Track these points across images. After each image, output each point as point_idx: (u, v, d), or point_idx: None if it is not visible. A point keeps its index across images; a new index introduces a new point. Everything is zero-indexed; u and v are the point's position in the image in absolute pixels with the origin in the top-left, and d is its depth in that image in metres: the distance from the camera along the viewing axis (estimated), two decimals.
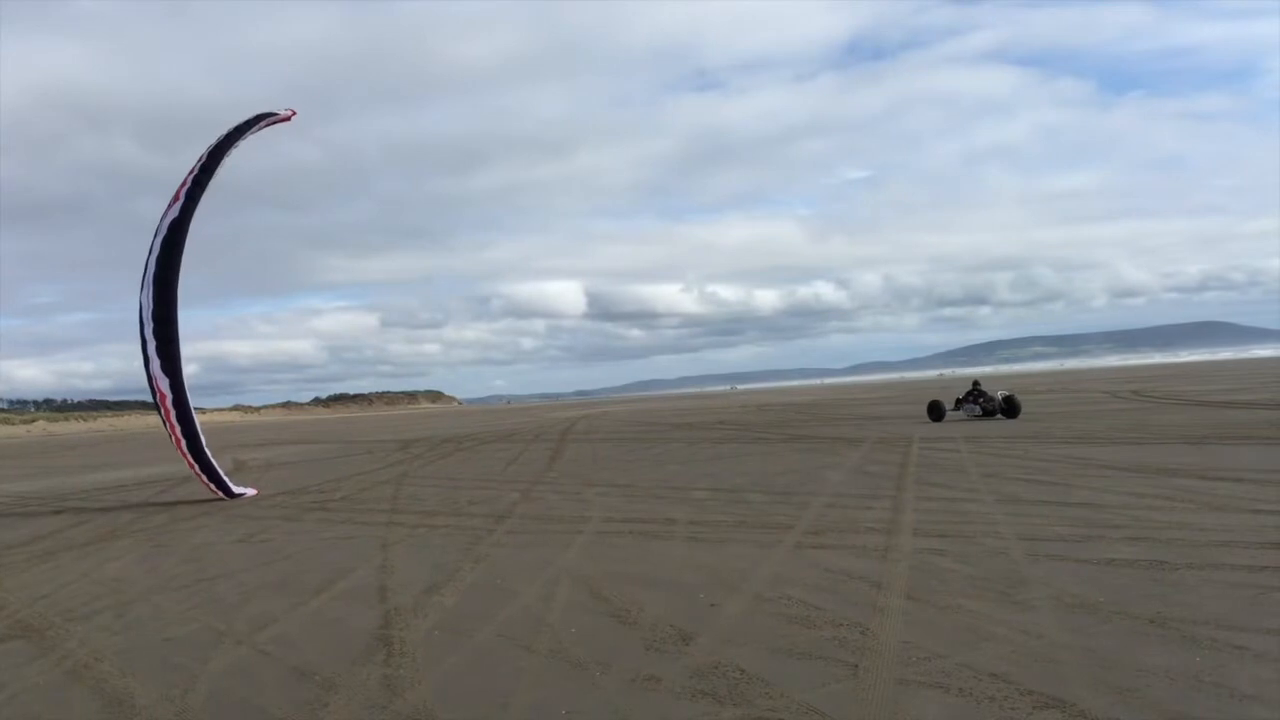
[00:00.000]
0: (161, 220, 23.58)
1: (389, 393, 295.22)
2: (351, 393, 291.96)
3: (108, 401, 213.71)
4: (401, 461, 33.77)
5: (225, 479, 24.65)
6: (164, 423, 24.09)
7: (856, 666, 7.40)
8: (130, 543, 17.58)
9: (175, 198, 23.67)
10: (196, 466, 24.18)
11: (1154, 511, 13.41)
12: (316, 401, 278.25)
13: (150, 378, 23.47)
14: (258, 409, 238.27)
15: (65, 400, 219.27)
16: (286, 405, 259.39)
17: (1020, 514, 13.81)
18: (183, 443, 23.81)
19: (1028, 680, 6.81)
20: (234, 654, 9.13)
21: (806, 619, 8.89)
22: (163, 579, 13.42)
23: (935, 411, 39.17)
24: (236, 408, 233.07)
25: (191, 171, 23.92)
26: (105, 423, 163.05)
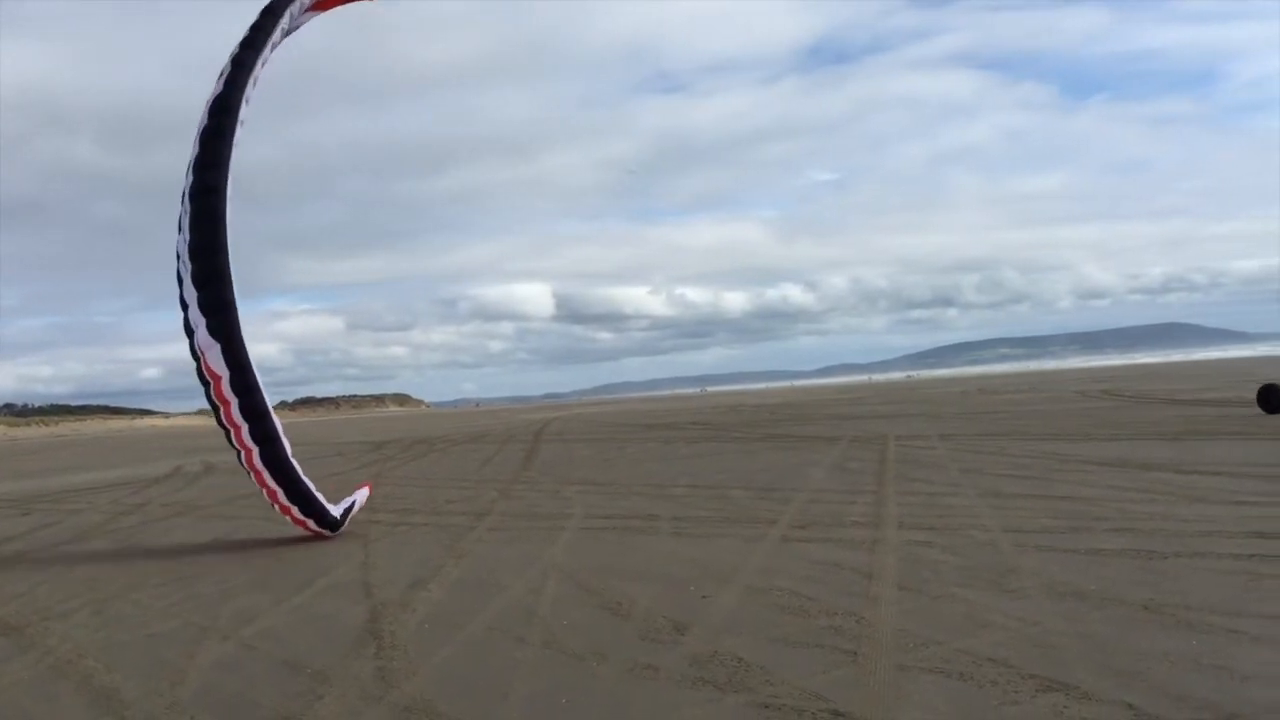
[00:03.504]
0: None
1: (356, 396, 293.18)
2: (319, 396, 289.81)
3: (69, 406, 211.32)
4: (375, 462, 33.52)
5: (325, 505, 15.75)
6: (223, 427, 15.22)
7: (855, 653, 7.37)
8: (103, 543, 17.33)
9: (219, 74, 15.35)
10: (282, 494, 15.34)
11: (1136, 504, 13.49)
12: (283, 405, 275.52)
13: (197, 354, 14.79)
14: None
15: (26, 405, 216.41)
16: None
17: (1004, 507, 13.85)
18: (254, 454, 15.07)
19: (1028, 665, 6.80)
20: (220, 649, 8.98)
21: (800, 609, 8.85)
22: (139, 577, 13.20)
23: (1269, 400, 28.29)
24: (202, 411, 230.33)
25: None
26: (68, 427, 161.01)
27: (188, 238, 14.66)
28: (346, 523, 16.18)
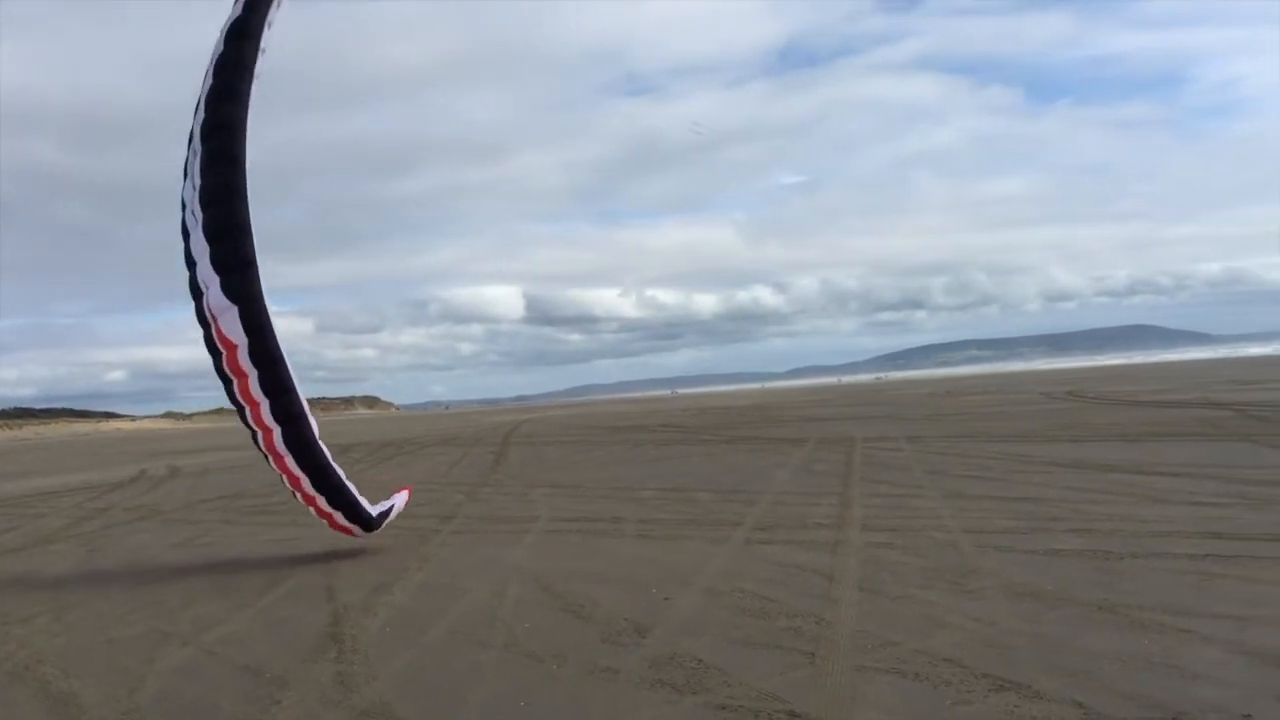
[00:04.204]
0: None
1: (325, 399, 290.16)
2: None
3: (33, 409, 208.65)
4: (343, 465, 33.27)
5: (359, 498, 13.79)
6: (237, 405, 12.99)
7: (813, 655, 7.43)
8: (65, 547, 17.17)
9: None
10: (307, 482, 13.25)
11: (1095, 505, 13.65)
12: None
13: (207, 320, 12.56)
14: (189, 416, 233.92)
15: None
16: (220, 412, 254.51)
17: (966, 508, 13.98)
18: (276, 435, 12.82)
19: (982, 664, 6.89)
20: (180, 654, 8.95)
21: (761, 610, 8.91)
22: (101, 582, 13.11)
23: None
24: (168, 415, 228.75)
25: None
26: (31, 431, 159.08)
27: (197, 182, 12.25)
28: (383, 526, 14.30)
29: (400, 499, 15.22)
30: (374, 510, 13.97)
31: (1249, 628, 7.33)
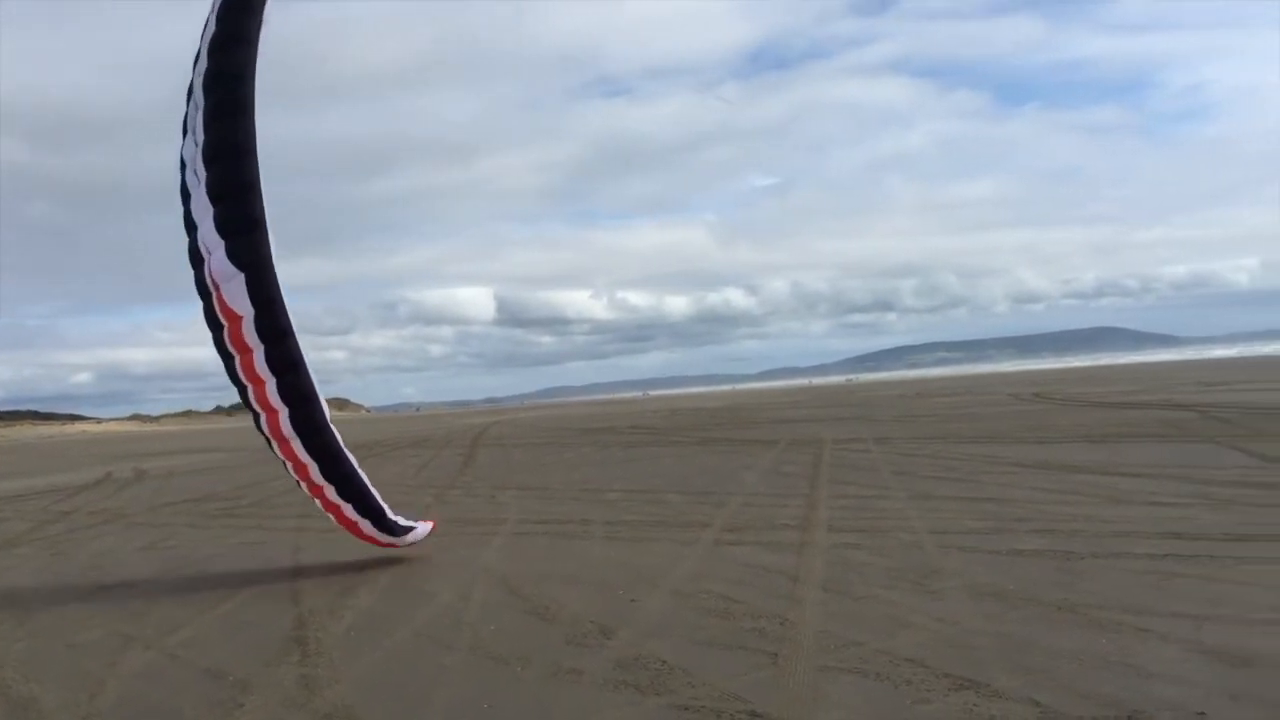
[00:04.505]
0: None
1: None
2: None
3: None
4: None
5: (390, 513, 12.76)
6: (239, 385, 11.84)
7: (776, 655, 7.48)
8: (28, 551, 16.99)
9: None
10: (315, 470, 11.97)
11: (1059, 505, 13.78)
12: (219, 410, 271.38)
13: (208, 289, 11.35)
14: (157, 418, 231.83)
15: None
16: (187, 414, 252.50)
17: (931, 509, 14.08)
18: (282, 418, 11.64)
19: (943, 664, 6.95)
20: (143, 658, 8.89)
21: (726, 611, 8.95)
22: (64, 586, 13.00)
23: None
24: (135, 417, 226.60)
25: None
26: None
27: (200, 138, 11.01)
28: (404, 542, 12.95)
29: (424, 528, 13.37)
30: (394, 515, 12.79)
31: (1206, 627, 7.44)
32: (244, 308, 11.04)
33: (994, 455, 21.31)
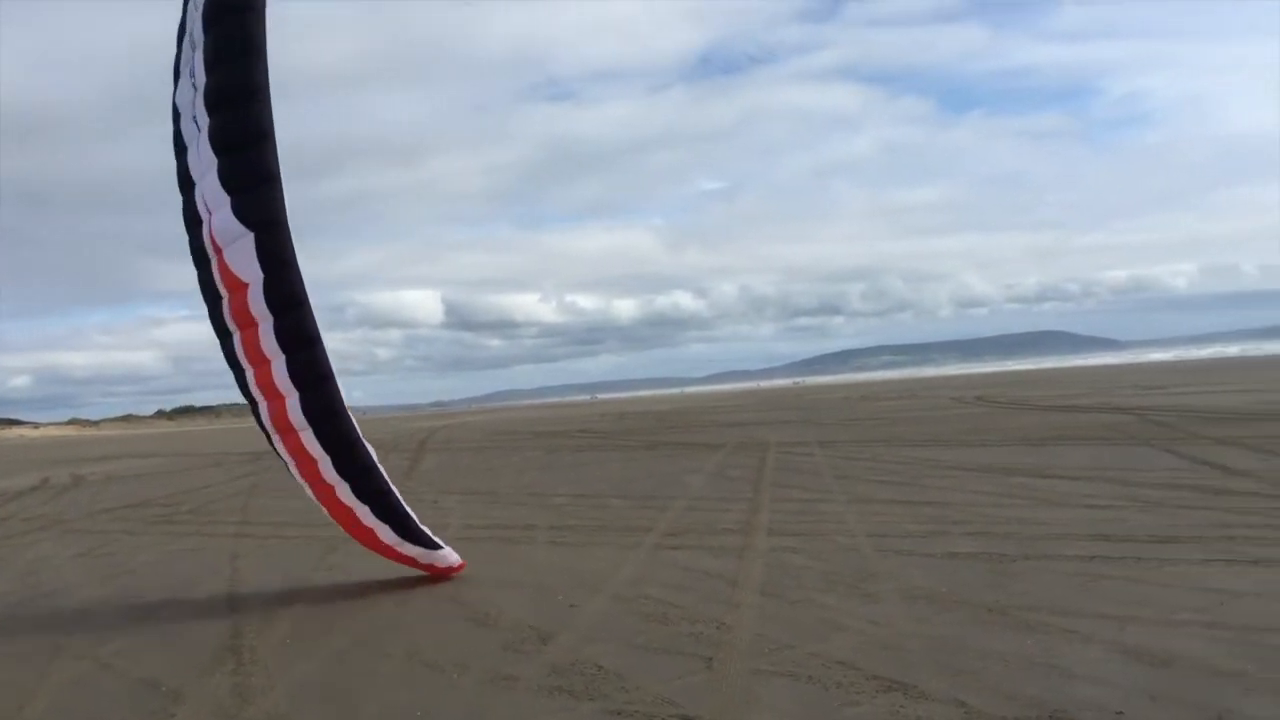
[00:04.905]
0: None
1: (238, 405, 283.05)
2: (199, 405, 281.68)
3: None
4: (253, 473, 32.75)
5: (431, 534, 11.35)
6: (237, 369, 10.59)
7: (711, 659, 7.54)
8: None
9: None
10: (328, 466, 10.27)
11: (995, 508, 14.01)
12: (160, 414, 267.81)
13: (207, 254, 10.10)
14: (96, 423, 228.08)
15: None
16: (128, 418, 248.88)
17: (871, 513, 14.25)
18: (293, 402, 10.00)
19: (873, 666, 7.06)
20: (74, 668, 8.76)
21: (664, 616, 9.01)
22: None
23: None
24: (73, 421, 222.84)
25: None
26: None
27: (201, 80, 9.60)
28: (432, 563, 11.43)
29: (453, 557, 11.54)
30: (444, 548, 11.40)
31: (1129, 627, 7.61)
32: (251, 273, 9.54)
33: (935, 459, 21.60)
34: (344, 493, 10.50)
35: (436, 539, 11.29)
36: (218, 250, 9.81)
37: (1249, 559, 9.66)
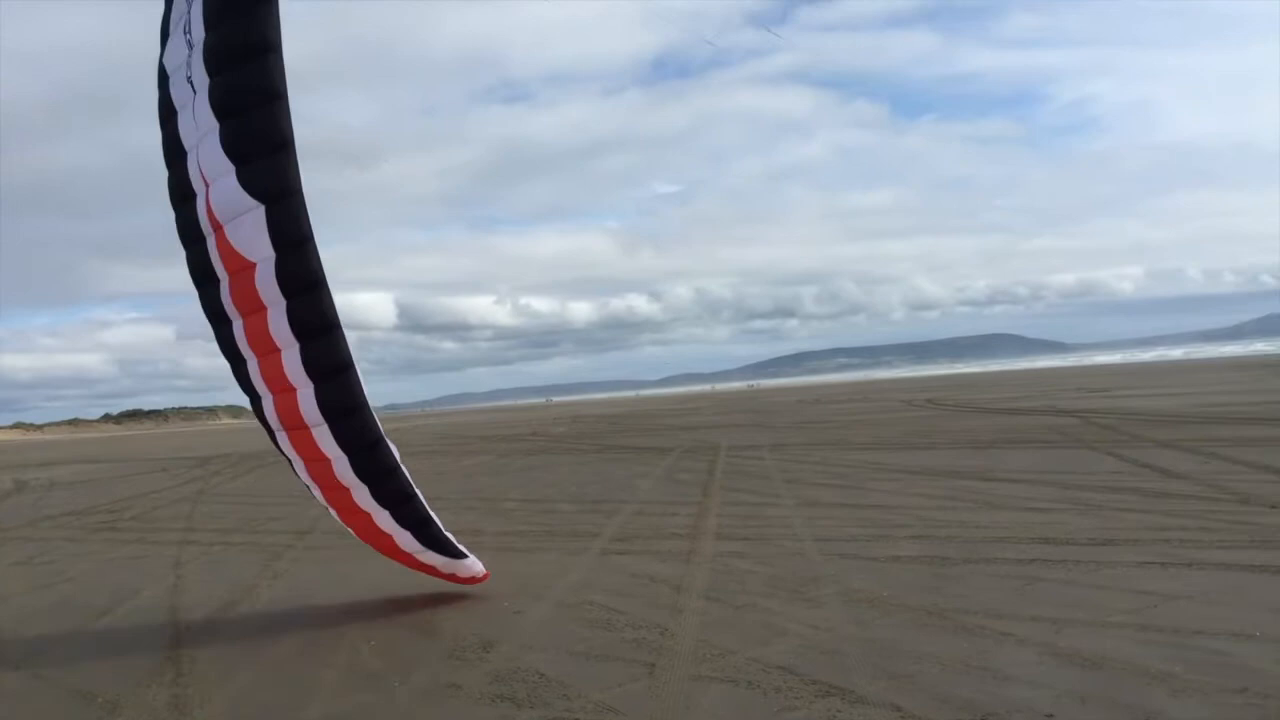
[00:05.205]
0: None
1: (187, 408, 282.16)
2: (146, 409, 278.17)
3: None
4: (199, 479, 32.38)
5: (455, 541, 10.44)
6: (236, 359, 9.57)
7: (653, 665, 7.58)
8: None
9: None
10: (344, 466, 9.23)
11: (938, 511, 14.18)
12: (107, 418, 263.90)
13: (203, 232, 9.00)
14: (40, 427, 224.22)
15: None
16: (74, 422, 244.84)
17: (817, 516, 14.37)
18: (307, 395, 8.93)
19: (813, 671, 7.13)
20: (9, 679, 8.63)
21: (608, 622, 9.04)
22: None
23: None
24: (17, 425, 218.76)
25: None
26: None
27: (199, 36, 8.52)
28: (452, 569, 10.54)
29: (477, 566, 10.69)
30: (469, 555, 10.52)
31: (1063, 630, 7.74)
32: (260, 251, 8.47)
33: (883, 462, 21.81)
34: (361, 496, 9.47)
35: (461, 547, 10.37)
36: (217, 227, 8.65)
37: (1183, 562, 9.85)
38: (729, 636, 8.24)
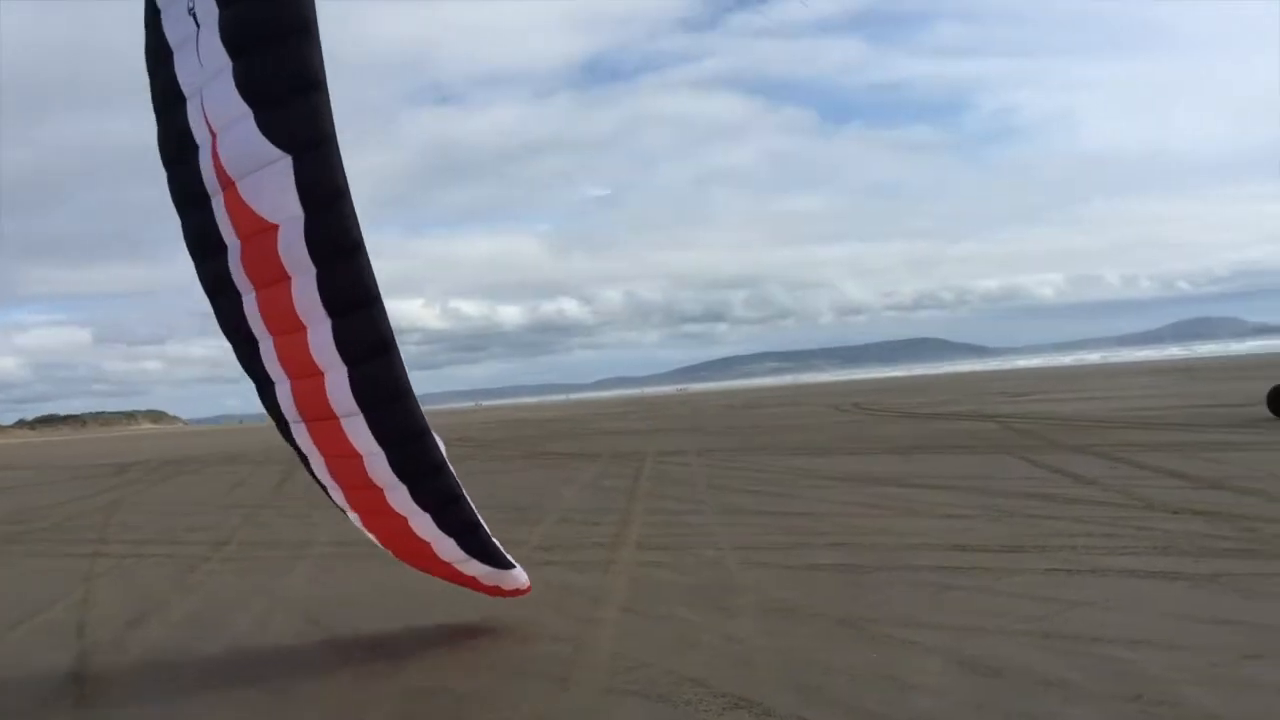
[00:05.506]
0: None
1: (105, 413, 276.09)
2: (62, 414, 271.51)
3: None
4: (116, 487, 31.67)
5: (503, 550, 9.30)
6: (247, 342, 8.35)
7: (566, 680, 7.58)
8: None
9: None
10: (381, 462, 7.93)
11: (859, 518, 14.38)
12: (22, 424, 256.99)
13: (207, 190, 7.75)
14: None
15: None
16: None
17: (739, 524, 14.49)
18: (336, 384, 7.64)
19: (724, 683, 7.18)
20: None
21: (523, 635, 9.04)
22: None
23: None
24: None
25: None
26: None
27: None
28: (495, 581, 9.33)
29: (522, 577, 9.50)
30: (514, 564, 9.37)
31: (968, 639, 7.89)
32: (285, 209, 7.21)
33: (807, 468, 22.05)
34: (398, 497, 8.16)
35: (509, 556, 9.20)
36: (228, 184, 7.42)
37: (1088, 568, 10.10)
38: (644, 648, 8.27)
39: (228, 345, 8.66)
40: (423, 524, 8.42)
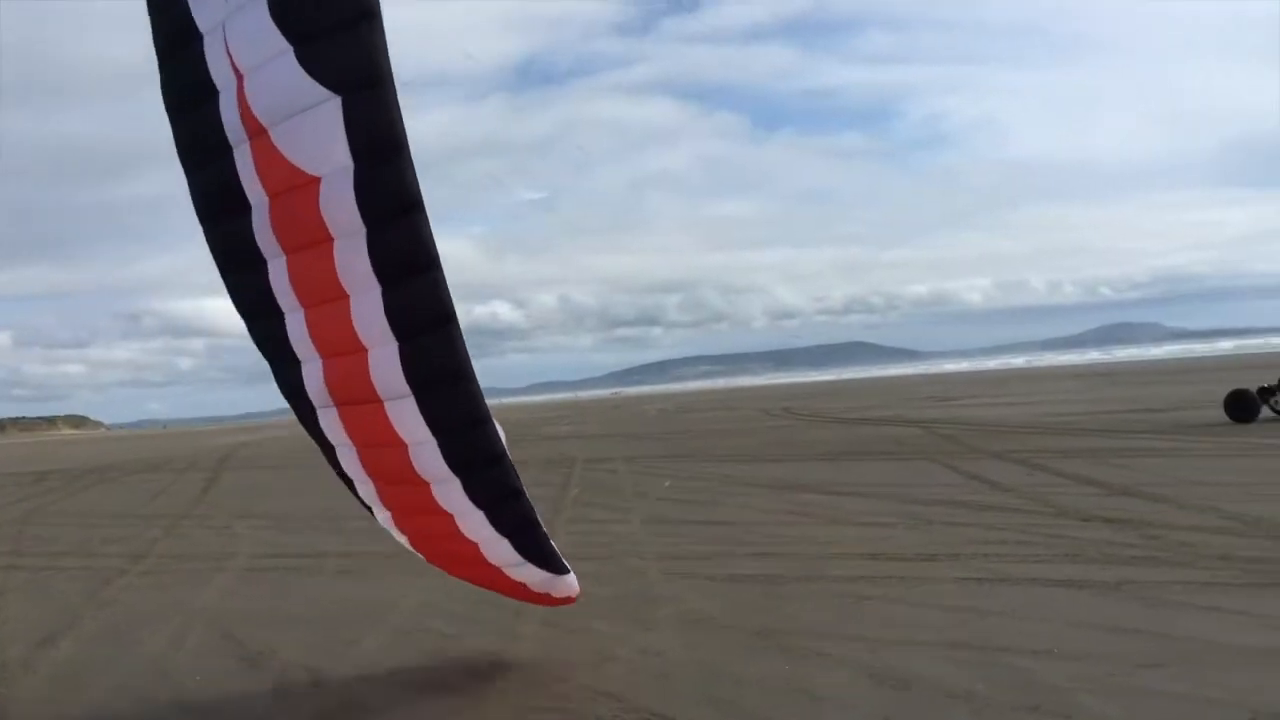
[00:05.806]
0: None
1: (24, 418, 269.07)
2: None
3: None
4: (31, 496, 30.86)
5: (559, 553, 7.97)
6: (274, 319, 7.15)
7: (482, 697, 7.60)
8: None
9: None
10: (431, 452, 6.90)
11: (781, 527, 14.56)
12: None
13: (228, 140, 6.61)
14: None
15: None
16: None
17: (663, 534, 14.59)
18: (385, 362, 6.59)
19: (638, 698, 7.26)
20: None
21: (441, 651, 9.06)
22: None
23: (1243, 409, 25.52)
24: None
25: None
26: None
27: None
28: (545, 587, 8.13)
29: (574, 584, 8.23)
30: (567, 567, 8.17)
31: (879, 650, 8.06)
32: (331, 159, 6.17)
33: (734, 474, 22.24)
34: (448, 493, 7.15)
35: (564, 560, 8.05)
36: (257, 131, 6.37)
37: (999, 577, 10.35)
38: (562, 663, 8.34)
39: (154, 347, 8.31)
40: (473, 523, 7.37)
